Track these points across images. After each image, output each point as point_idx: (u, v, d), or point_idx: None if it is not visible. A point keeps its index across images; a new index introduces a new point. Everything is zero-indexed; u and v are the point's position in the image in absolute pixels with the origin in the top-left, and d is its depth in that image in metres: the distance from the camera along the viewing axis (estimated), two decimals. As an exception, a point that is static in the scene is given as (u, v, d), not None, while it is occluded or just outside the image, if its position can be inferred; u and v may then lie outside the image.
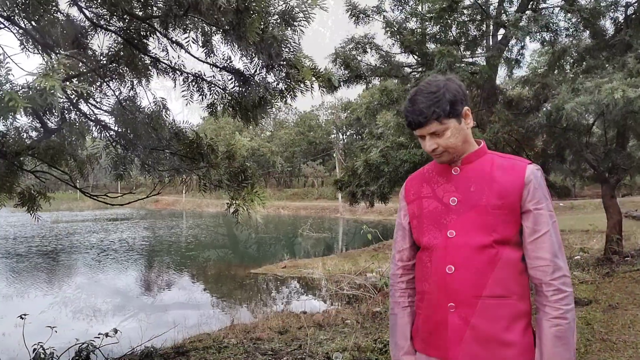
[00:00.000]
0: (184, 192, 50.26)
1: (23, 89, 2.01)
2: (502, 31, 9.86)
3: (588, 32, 9.62)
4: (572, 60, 10.24)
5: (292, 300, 10.98)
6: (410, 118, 1.60)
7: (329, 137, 62.40)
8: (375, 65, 10.23)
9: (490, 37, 10.16)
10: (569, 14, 9.22)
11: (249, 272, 14.22)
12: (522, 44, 10.58)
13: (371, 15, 9.94)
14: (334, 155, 51.72)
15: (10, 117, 2.03)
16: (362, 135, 54.15)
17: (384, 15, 9.86)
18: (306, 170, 59.41)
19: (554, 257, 1.52)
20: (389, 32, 9.63)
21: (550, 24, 9.05)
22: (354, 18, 9.92)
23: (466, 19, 9.96)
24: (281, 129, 62.77)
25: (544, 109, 10.44)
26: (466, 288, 1.55)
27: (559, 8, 9.48)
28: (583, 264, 8.69)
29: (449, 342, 1.57)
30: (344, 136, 62.44)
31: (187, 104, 4.49)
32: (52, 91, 1.98)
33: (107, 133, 4.14)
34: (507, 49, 10.32)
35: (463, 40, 10.34)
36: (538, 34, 9.28)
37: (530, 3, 9.79)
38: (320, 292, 10.98)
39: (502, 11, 9.56)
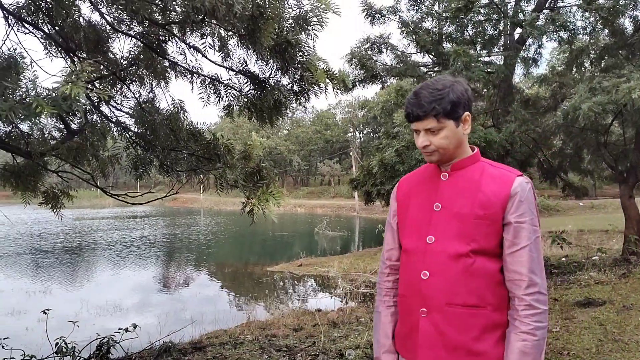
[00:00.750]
0: (201, 190, 50.78)
1: (48, 95, 2.13)
2: (519, 30, 9.82)
3: (607, 30, 9.52)
4: (590, 59, 10.14)
5: (307, 298, 11.09)
6: (410, 110, 1.58)
7: (346, 136, 62.42)
8: (391, 65, 10.27)
9: (507, 36, 10.11)
10: (587, 13, 9.14)
11: (265, 270, 14.38)
12: (539, 43, 10.51)
13: (387, 15, 9.97)
14: (351, 153, 51.68)
15: (36, 120, 2.14)
16: (379, 134, 54.08)
17: (399, 16, 9.88)
18: (322, 168, 59.51)
19: (530, 272, 1.50)
20: (405, 32, 9.66)
21: (568, 23, 8.98)
22: (369, 18, 9.96)
23: (482, 19, 9.93)
24: (298, 128, 62.96)
25: (562, 108, 10.38)
26: (439, 295, 1.54)
27: (576, 7, 9.40)
28: (600, 264, 8.62)
29: (419, 347, 1.58)
30: (361, 134, 62.40)
31: (204, 106, 4.60)
32: (77, 97, 2.09)
33: (127, 134, 4.27)
34: (524, 48, 10.27)
35: (479, 39, 10.31)
36: (555, 33, 9.21)
37: (548, 2, 9.73)
38: (335, 290, 11.05)
39: (519, 10, 9.51)
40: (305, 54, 3.71)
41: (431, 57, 10.13)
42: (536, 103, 10.77)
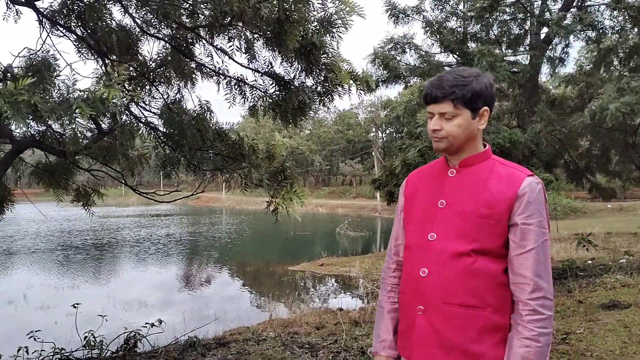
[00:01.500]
0: (223, 189, 51.31)
1: (87, 96, 2.23)
2: (545, 29, 9.71)
3: (636, 29, 9.35)
4: (618, 59, 9.97)
5: (328, 297, 11.15)
6: (429, 90, 1.54)
7: (368, 136, 62.27)
8: (414, 65, 10.26)
9: (533, 35, 10.00)
10: (616, 12, 9.00)
11: (286, 269, 14.48)
12: (567, 42, 10.38)
13: (411, 15, 9.96)
14: (373, 153, 51.55)
15: (75, 121, 2.25)
16: (401, 134, 53.83)
17: (423, 15, 9.87)
18: (344, 168, 59.49)
19: (536, 276, 1.44)
20: (429, 31, 9.65)
21: (596, 22, 8.86)
22: (393, 18, 9.97)
23: (508, 18, 9.86)
24: (320, 128, 63.03)
25: (589, 108, 10.23)
26: (436, 293, 1.51)
27: (605, 6, 9.25)
28: (627, 267, 8.47)
29: (414, 344, 1.56)
30: (384, 134, 62.19)
31: (229, 107, 4.70)
32: (114, 100, 2.19)
33: (156, 134, 4.39)
34: (550, 47, 10.16)
35: (504, 39, 10.24)
36: (583, 32, 9.09)
37: (575, 1, 9.60)
38: (356, 290, 11.09)
39: (546, 9, 9.41)
40: (330, 55, 3.77)
41: (455, 56, 10.08)
42: (563, 103, 10.64)
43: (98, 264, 16.52)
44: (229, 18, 3.33)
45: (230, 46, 3.69)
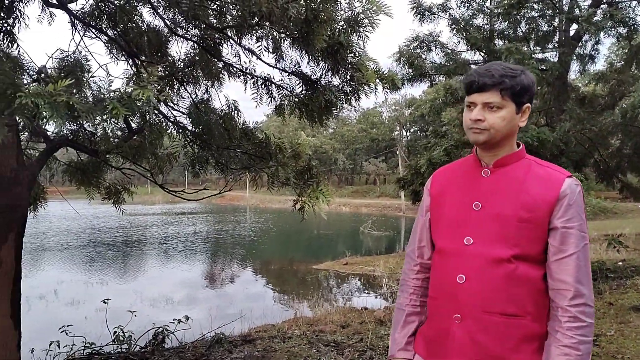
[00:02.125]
0: (248, 188, 51.66)
1: (122, 97, 2.29)
2: (574, 26, 9.52)
3: (669, 25, 9.09)
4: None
5: (352, 296, 11.15)
6: (475, 78, 1.46)
7: (392, 134, 61.94)
8: (440, 63, 10.18)
9: (562, 32, 9.82)
10: (648, 7, 8.77)
11: (310, 267, 14.53)
12: (597, 39, 10.15)
13: (436, 13, 9.88)
14: (397, 152, 51.25)
15: (109, 121, 2.31)
16: (426, 133, 53.38)
17: (449, 13, 9.77)
18: (368, 167, 59.30)
19: (577, 282, 1.38)
20: (455, 29, 9.56)
21: (627, 19, 8.64)
22: (418, 16, 9.90)
23: (536, 15, 9.69)
24: (344, 126, 62.96)
25: (620, 106, 9.99)
26: (476, 301, 1.44)
27: (636, 1, 9.03)
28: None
29: (450, 355, 1.49)
30: (408, 133, 61.79)
31: (256, 106, 4.75)
32: (149, 101, 2.24)
33: (185, 133, 4.47)
34: (580, 44, 9.95)
35: (533, 36, 10.07)
36: (613, 28, 8.88)
37: (606, -4, 9.39)
38: (381, 289, 11.07)
39: (575, 6, 9.23)
40: (357, 54, 3.78)
41: (482, 54, 9.96)
42: (593, 101, 10.40)
43: (126, 260, 16.88)
44: (257, 18, 3.37)
45: (259, 46, 3.72)
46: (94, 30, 4.58)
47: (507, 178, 1.50)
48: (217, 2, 3.60)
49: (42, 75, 4.26)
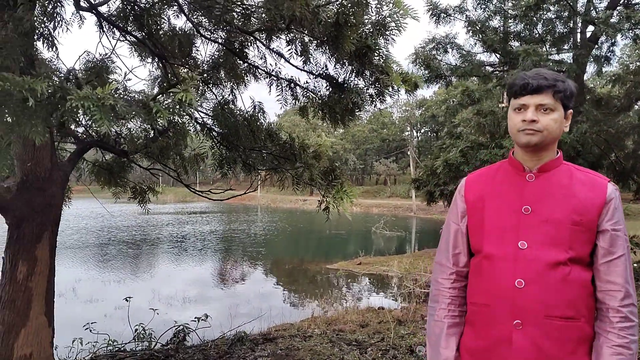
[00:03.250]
0: (259, 188, 51.81)
1: (165, 100, 2.36)
2: (590, 28, 9.50)
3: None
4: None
5: (368, 296, 11.18)
6: (529, 80, 1.47)
7: (403, 135, 61.82)
8: (456, 64, 10.20)
9: (579, 34, 9.80)
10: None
11: (324, 267, 14.59)
12: (612, 41, 10.11)
13: (452, 15, 9.90)
14: (409, 153, 51.15)
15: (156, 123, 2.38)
16: (437, 133, 53.23)
17: (466, 15, 9.79)
18: (379, 167, 59.20)
19: (626, 282, 1.43)
20: (471, 31, 9.57)
21: (644, 20, 8.59)
22: (434, 18, 9.93)
23: (552, 16, 9.68)
24: (354, 126, 62.89)
25: (636, 108, 9.95)
26: (537, 306, 1.43)
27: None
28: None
29: None
30: (418, 134, 61.65)
31: (281, 107, 4.81)
32: (190, 103, 2.31)
33: (211, 134, 4.54)
34: (596, 46, 9.92)
35: (549, 37, 10.05)
36: (630, 30, 8.84)
37: (623, -1, 9.35)
38: (397, 289, 11.10)
39: (592, 7, 9.20)
40: (383, 57, 3.83)
41: (497, 56, 9.97)
42: (609, 103, 10.37)
43: (145, 259, 17.06)
44: (287, 22, 3.42)
45: (289, 50, 3.77)
46: (122, 33, 4.67)
47: (552, 183, 1.52)
48: (250, 7, 3.65)
49: (72, 77, 4.37)
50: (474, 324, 1.57)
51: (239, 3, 3.59)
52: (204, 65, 4.87)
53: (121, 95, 4.37)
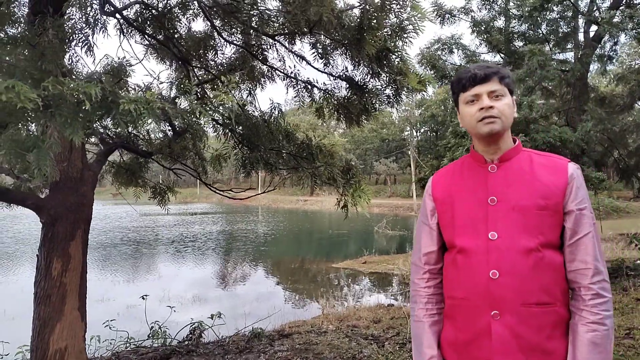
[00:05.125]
0: (259, 187, 51.89)
1: (206, 102, 2.49)
2: (594, 27, 9.63)
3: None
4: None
5: (377, 293, 11.30)
6: (473, 72, 1.52)
7: (402, 135, 61.95)
8: (460, 64, 10.32)
9: (583, 33, 9.93)
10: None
11: (330, 266, 14.70)
12: (615, 40, 10.25)
13: (457, 16, 10.04)
14: (409, 152, 51.27)
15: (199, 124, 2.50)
16: (437, 133, 53.34)
17: (471, 16, 9.93)
18: (379, 167, 59.34)
19: (595, 259, 1.44)
20: (476, 31, 9.70)
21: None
22: (439, 19, 10.06)
23: (556, 16, 9.82)
24: (353, 126, 62.93)
25: (639, 106, 10.09)
26: (513, 295, 1.44)
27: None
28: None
29: (494, 353, 1.47)
30: (418, 133, 61.77)
31: (298, 108, 4.94)
32: (229, 105, 2.44)
33: (233, 135, 4.66)
34: (600, 45, 10.06)
35: (552, 37, 10.19)
36: (634, 30, 8.97)
37: (625, -2, 9.48)
38: (404, 287, 11.22)
39: (595, 7, 9.34)
40: (402, 59, 3.96)
41: (502, 55, 10.10)
42: (612, 101, 10.51)
43: (155, 259, 17.19)
44: (311, 26, 3.55)
45: (313, 53, 3.90)
46: (144, 36, 4.79)
47: (515, 170, 1.54)
48: (273, 12, 3.77)
49: (96, 79, 4.49)
50: (454, 317, 1.58)
51: (264, 8, 3.72)
52: (220, 67, 5.00)
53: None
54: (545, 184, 1.48)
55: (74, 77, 3.19)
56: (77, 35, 3.73)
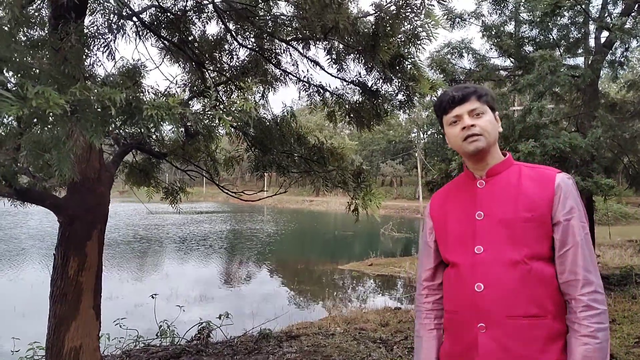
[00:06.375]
0: (265, 188, 51.99)
1: (226, 108, 2.53)
2: (605, 33, 9.61)
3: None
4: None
5: (383, 296, 11.33)
6: (450, 95, 1.56)
7: (409, 136, 61.86)
8: (470, 68, 10.34)
9: (594, 39, 9.92)
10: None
11: (336, 267, 14.74)
12: (627, 46, 10.23)
13: (467, 20, 10.05)
14: (416, 155, 51.19)
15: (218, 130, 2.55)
16: (444, 135, 53.06)
17: (482, 20, 9.94)
18: (385, 169, 59.31)
19: (585, 270, 1.42)
20: (487, 36, 9.71)
21: (659, 26, 8.72)
22: (449, 23, 10.08)
23: (567, 22, 9.81)
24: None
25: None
26: (498, 308, 1.45)
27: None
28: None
29: None
30: (425, 135, 61.65)
31: (310, 112, 4.99)
32: (249, 111, 2.49)
33: (245, 138, 4.72)
34: (610, 51, 10.04)
35: (563, 42, 10.18)
36: (646, 36, 8.96)
37: (637, 4, 9.46)
38: (411, 290, 11.24)
39: (606, 13, 9.33)
40: (415, 66, 3.99)
41: (512, 60, 10.11)
42: (623, 108, 10.48)
43: (164, 257, 17.30)
44: (326, 32, 3.60)
45: (328, 59, 3.94)
46: (160, 39, 4.85)
47: (502, 184, 1.56)
48: (288, 17, 3.82)
49: (111, 81, 4.55)
50: (450, 330, 1.63)
51: (279, 13, 3.77)
52: (233, 70, 5.06)
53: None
54: (529, 196, 1.49)
55: (97, 81, 3.24)
56: (98, 40, 3.78)
